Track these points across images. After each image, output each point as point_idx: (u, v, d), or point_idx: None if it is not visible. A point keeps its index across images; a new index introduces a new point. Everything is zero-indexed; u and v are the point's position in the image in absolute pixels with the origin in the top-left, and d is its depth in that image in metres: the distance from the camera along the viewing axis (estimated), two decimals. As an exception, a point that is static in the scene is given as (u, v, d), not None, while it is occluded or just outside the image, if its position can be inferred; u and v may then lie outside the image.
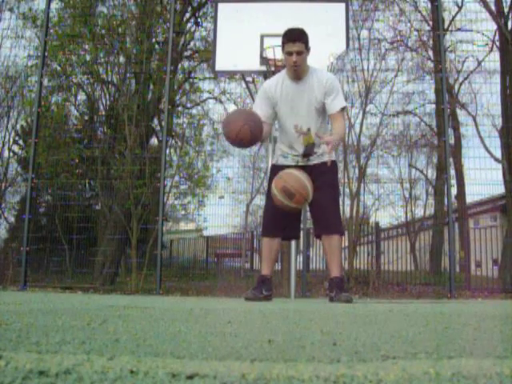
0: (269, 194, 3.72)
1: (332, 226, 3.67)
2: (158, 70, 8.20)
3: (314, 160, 3.70)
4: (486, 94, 8.64)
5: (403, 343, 0.95)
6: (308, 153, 3.66)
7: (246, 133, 3.30)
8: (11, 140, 11.23)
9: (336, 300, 3.50)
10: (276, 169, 3.72)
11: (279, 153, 3.83)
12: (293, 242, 5.84)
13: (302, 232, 7.07)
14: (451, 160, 7.55)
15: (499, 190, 8.30)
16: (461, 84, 9.73)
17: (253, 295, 3.63)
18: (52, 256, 8.36)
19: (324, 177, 3.65)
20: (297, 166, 3.63)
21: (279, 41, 5.12)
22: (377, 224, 9.30)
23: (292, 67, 3.60)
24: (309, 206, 3.73)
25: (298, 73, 3.64)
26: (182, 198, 10.15)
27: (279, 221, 3.69)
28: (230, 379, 0.61)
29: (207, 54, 8.66)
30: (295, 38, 3.57)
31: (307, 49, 3.64)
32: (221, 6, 5.66)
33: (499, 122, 8.65)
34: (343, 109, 3.74)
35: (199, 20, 9.78)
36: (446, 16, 9.31)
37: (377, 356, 0.78)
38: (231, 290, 7.12)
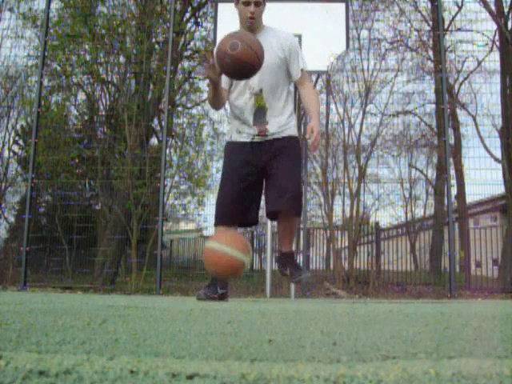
0: (223, 179, 3.41)
1: (290, 205, 3.23)
2: (158, 70, 8.20)
3: (273, 135, 3.32)
4: (486, 94, 8.67)
5: (403, 343, 0.95)
6: (259, 117, 3.29)
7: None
8: (11, 140, 11.22)
9: (293, 279, 3.33)
10: (231, 146, 3.41)
11: (234, 128, 3.44)
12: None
13: (301, 231, 7.11)
14: (451, 160, 7.56)
15: (499, 190, 8.31)
16: (461, 84, 9.73)
17: (205, 295, 3.34)
18: (52, 256, 8.36)
19: (284, 150, 3.28)
20: (252, 143, 3.31)
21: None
22: (377, 224, 9.31)
23: (248, 20, 3.23)
24: (265, 181, 3.39)
25: (253, 27, 3.28)
26: (182, 198, 10.14)
27: (235, 207, 3.31)
28: (230, 379, 0.61)
29: (207, 53, 8.64)
30: None
31: (264, 3, 3.31)
32: (221, 5, 5.66)
33: (499, 121, 8.66)
34: (306, 71, 3.39)
35: (199, 20, 9.78)
36: (446, 16, 9.31)
37: (377, 356, 0.78)
38: (231, 290, 7.11)
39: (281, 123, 3.33)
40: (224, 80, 3.29)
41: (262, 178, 3.40)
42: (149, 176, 7.38)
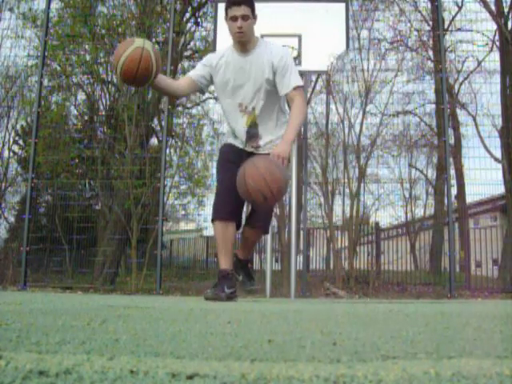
0: (220, 176, 3.40)
1: (264, 223, 3.42)
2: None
3: (265, 149, 3.32)
4: (486, 94, 8.63)
5: (403, 343, 0.95)
6: (251, 136, 3.30)
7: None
8: (11, 140, 11.22)
9: (245, 287, 3.58)
10: (227, 145, 3.46)
11: (230, 134, 3.49)
12: (293, 242, 5.84)
13: (302, 232, 7.10)
14: (451, 160, 7.56)
15: (499, 190, 8.31)
16: (461, 84, 9.72)
17: (213, 294, 3.23)
18: (52, 256, 8.36)
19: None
20: (246, 151, 3.34)
21: (279, 41, 5.15)
22: (377, 224, 9.31)
23: (236, 34, 3.19)
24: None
25: (244, 43, 3.24)
26: (182, 198, 10.15)
27: (236, 203, 3.25)
28: (230, 379, 0.61)
29: (207, 54, 8.66)
30: (240, 0, 3.14)
31: (254, 16, 3.24)
32: (221, 6, 5.66)
33: (499, 121, 8.65)
34: (300, 87, 3.25)
35: (199, 20, 9.79)
36: (446, 16, 9.31)
37: (377, 356, 0.78)
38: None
39: (272, 139, 3.33)
40: (198, 77, 3.31)
41: None
42: (149, 176, 7.38)
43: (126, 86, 8.61)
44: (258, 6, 5.57)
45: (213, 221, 3.31)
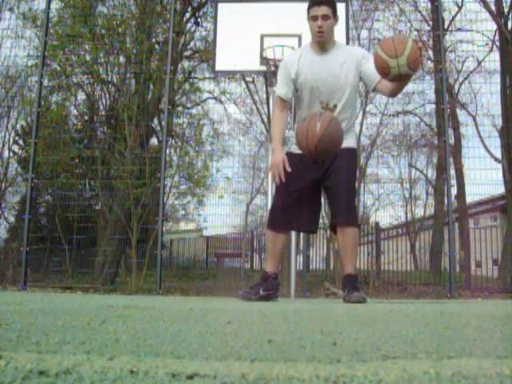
0: (278, 186, 3.39)
1: (346, 216, 3.30)
2: (158, 70, 8.20)
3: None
4: (486, 94, 8.63)
5: (403, 343, 0.95)
6: None
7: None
8: (11, 140, 11.23)
9: (347, 300, 3.23)
10: (289, 156, 3.36)
11: (293, 140, 3.41)
12: (293, 242, 5.84)
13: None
14: (451, 160, 7.55)
15: (499, 190, 8.32)
16: (461, 84, 9.73)
17: (245, 296, 3.29)
18: (52, 256, 8.36)
19: (339, 162, 3.30)
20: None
21: (279, 41, 5.13)
22: (377, 224, 9.31)
23: (316, 34, 3.23)
24: (325, 192, 3.46)
25: (323, 43, 3.28)
26: (182, 198, 10.15)
27: (288, 215, 3.33)
28: (230, 379, 0.61)
29: (207, 54, 8.66)
30: (321, 0, 3.20)
31: (335, 17, 3.28)
32: (221, 5, 5.66)
33: (499, 121, 8.66)
34: None
35: (199, 20, 9.79)
36: (446, 16, 9.31)
37: (377, 356, 0.78)
38: (231, 289, 7.12)
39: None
40: (291, 93, 3.36)
41: (320, 189, 3.46)
42: (149, 176, 7.38)
43: (126, 86, 8.61)
44: (258, 6, 5.60)
45: (267, 229, 3.46)
